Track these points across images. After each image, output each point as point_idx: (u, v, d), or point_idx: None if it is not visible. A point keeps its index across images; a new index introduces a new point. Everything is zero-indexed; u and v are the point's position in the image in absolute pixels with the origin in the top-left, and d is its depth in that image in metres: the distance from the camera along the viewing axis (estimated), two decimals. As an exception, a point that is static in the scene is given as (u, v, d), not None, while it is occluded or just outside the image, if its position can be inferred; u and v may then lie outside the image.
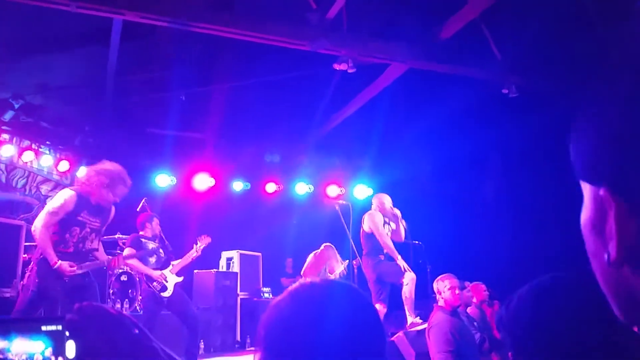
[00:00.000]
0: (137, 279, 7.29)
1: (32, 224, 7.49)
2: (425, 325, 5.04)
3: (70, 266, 4.27)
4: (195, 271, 7.70)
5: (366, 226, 6.70)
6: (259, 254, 9.22)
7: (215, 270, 8.07)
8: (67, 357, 1.11)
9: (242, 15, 5.54)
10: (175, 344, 5.93)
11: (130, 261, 5.78)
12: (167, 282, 5.86)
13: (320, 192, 9.74)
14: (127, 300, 7.27)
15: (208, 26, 5.51)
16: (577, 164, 0.57)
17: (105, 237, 7.49)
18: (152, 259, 6.05)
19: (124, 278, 7.32)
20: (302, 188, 9.71)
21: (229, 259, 8.79)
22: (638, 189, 0.50)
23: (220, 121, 7.95)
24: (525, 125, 6.82)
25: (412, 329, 6.09)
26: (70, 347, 1.11)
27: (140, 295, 7.13)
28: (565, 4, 5.45)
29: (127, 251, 5.88)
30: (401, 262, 6.26)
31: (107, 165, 4.51)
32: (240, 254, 8.80)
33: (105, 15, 5.26)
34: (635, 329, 0.58)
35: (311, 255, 7.49)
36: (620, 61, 0.54)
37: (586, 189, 0.57)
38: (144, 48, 6.35)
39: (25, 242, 6.40)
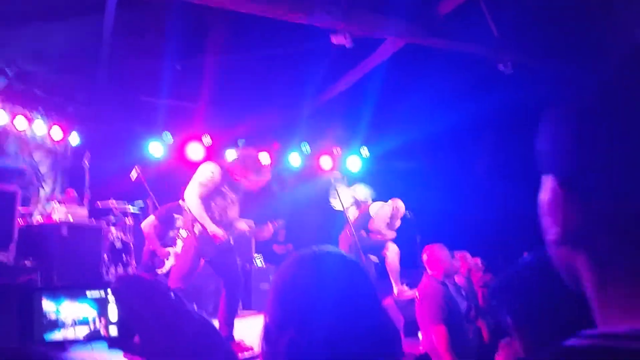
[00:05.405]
0: (132, 246, 7.40)
1: (24, 190, 7.50)
2: (414, 293, 5.21)
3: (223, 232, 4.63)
4: (190, 239, 7.79)
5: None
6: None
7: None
8: (109, 320, 1.26)
9: (239, -14, 5.49)
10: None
11: (147, 232, 5.98)
12: (167, 260, 6.07)
13: (313, 164, 9.81)
14: (120, 264, 7.38)
15: (205, -4, 5.45)
16: (539, 153, 0.65)
17: (99, 202, 7.59)
18: (172, 233, 6.21)
19: (118, 245, 7.40)
20: (295, 159, 9.77)
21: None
22: (586, 184, 0.57)
23: (214, 91, 7.93)
24: (518, 100, 6.91)
25: (402, 298, 6.31)
26: (113, 311, 1.26)
27: (134, 261, 7.26)
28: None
29: (151, 221, 5.99)
30: None
31: (258, 154, 5.08)
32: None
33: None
34: None
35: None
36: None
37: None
38: (140, 17, 6.28)
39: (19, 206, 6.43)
